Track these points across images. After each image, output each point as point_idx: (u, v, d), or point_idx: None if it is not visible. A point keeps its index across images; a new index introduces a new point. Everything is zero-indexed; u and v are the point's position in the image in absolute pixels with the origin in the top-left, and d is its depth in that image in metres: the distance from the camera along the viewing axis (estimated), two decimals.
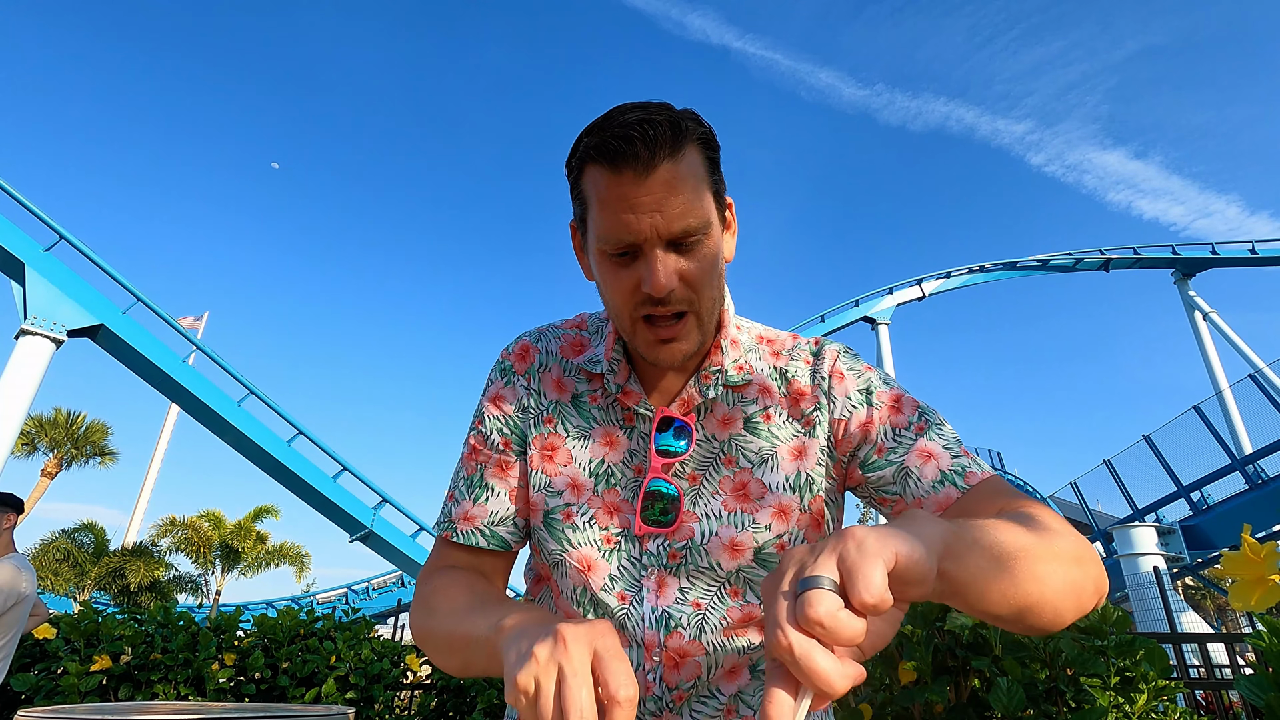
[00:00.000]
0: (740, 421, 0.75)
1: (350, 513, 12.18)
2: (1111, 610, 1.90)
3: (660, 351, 0.69)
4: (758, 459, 0.73)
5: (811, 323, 16.86)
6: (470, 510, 0.77)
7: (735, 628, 0.71)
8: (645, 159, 0.62)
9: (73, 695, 3.01)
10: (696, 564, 0.71)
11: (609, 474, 0.74)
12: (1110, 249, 19.57)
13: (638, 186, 0.63)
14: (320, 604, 20.81)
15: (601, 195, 0.65)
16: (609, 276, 0.68)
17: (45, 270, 9.66)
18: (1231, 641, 4.10)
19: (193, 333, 13.33)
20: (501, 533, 0.77)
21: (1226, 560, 0.81)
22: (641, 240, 0.65)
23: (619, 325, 0.72)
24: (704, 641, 0.70)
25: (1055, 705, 1.63)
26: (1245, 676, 1.26)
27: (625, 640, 0.70)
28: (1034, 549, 0.50)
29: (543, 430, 0.77)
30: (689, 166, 0.66)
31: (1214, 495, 13.13)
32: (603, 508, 0.73)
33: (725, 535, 0.71)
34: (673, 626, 0.69)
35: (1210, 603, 30.70)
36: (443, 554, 0.78)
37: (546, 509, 0.75)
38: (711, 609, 0.70)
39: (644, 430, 0.75)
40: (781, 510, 0.71)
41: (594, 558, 0.72)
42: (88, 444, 20.04)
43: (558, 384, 0.79)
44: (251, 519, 19.56)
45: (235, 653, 3.35)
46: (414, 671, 3.85)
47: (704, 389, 0.74)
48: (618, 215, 0.64)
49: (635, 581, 0.71)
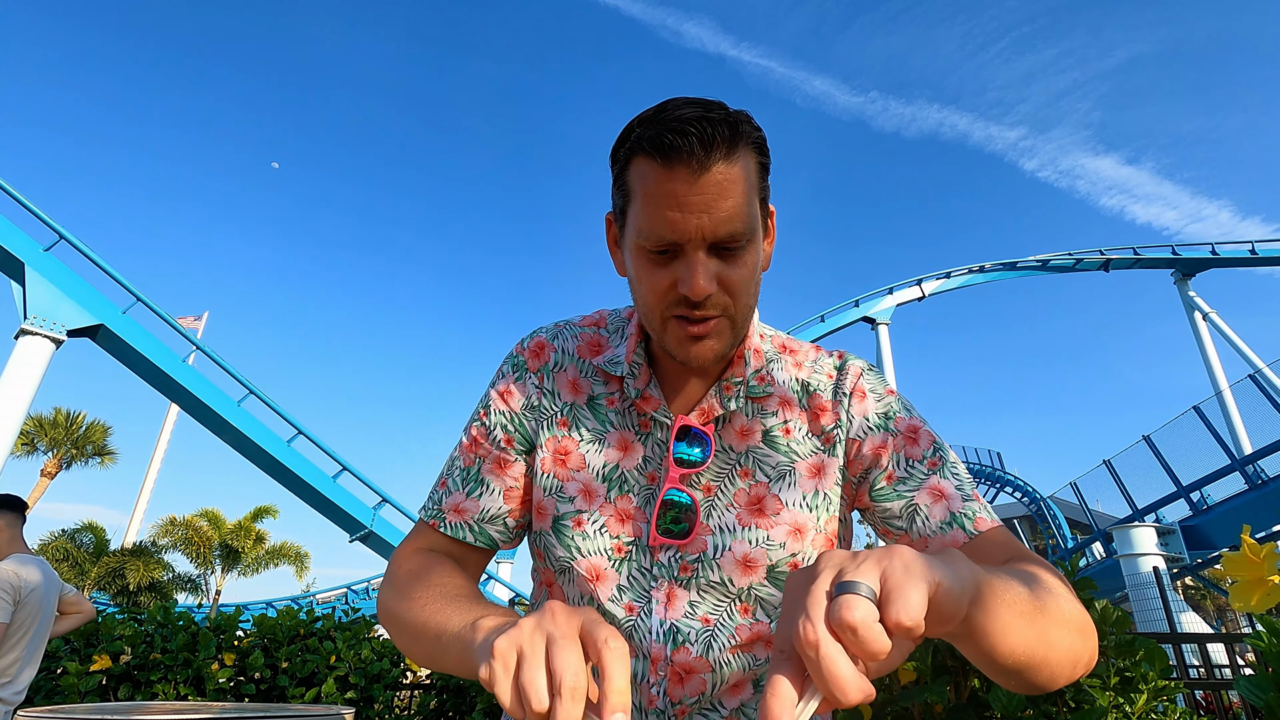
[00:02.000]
0: (759, 434, 0.73)
1: (350, 513, 12.17)
2: (1111, 610, 1.90)
3: (690, 349, 0.67)
4: (775, 474, 0.71)
5: (811, 323, 16.85)
6: (462, 503, 0.75)
7: (743, 645, 0.69)
8: (700, 157, 0.60)
9: (73, 695, 3.01)
10: (708, 578, 0.69)
11: (622, 480, 0.72)
12: (1110, 249, 19.57)
13: (689, 185, 0.61)
14: (320, 604, 20.81)
15: (649, 190, 0.63)
16: (644, 273, 0.66)
17: (45, 270, 9.66)
18: (1231, 642, 4.10)
19: (192, 332, 13.33)
20: (491, 531, 0.75)
21: (1226, 561, 0.81)
22: (685, 240, 0.62)
23: (648, 323, 0.69)
24: (711, 659, 0.68)
25: (1055, 705, 1.63)
26: (1245, 677, 1.26)
27: (632, 651, 0.68)
28: (1049, 612, 0.49)
29: (555, 433, 0.75)
30: (742, 170, 0.63)
31: (1214, 495, 13.12)
32: (614, 515, 0.71)
33: (738, 550, 0.69)
34: (680, 641, 0.68)
35: (1210, 603, 30.70)
36: (424, 536, 0.76)
37: (556, 514, 0.73)
38: (720, 626, 0.69)
39: (660, 438, 0.73)
40: (797, 529, 0.70)
41: (603, 567, 0.70)
42: (88, 444, 20.05)
43: (573, 385, 0.77)
44: (251, 519, 19.55)
45: (235, 653, 3.35)
46: (414, 671, 3.85)
47: (724, 399, 0.72)
48: (663, 212, 0.62)
49: (645, 593, 0.70)
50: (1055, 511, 26.62)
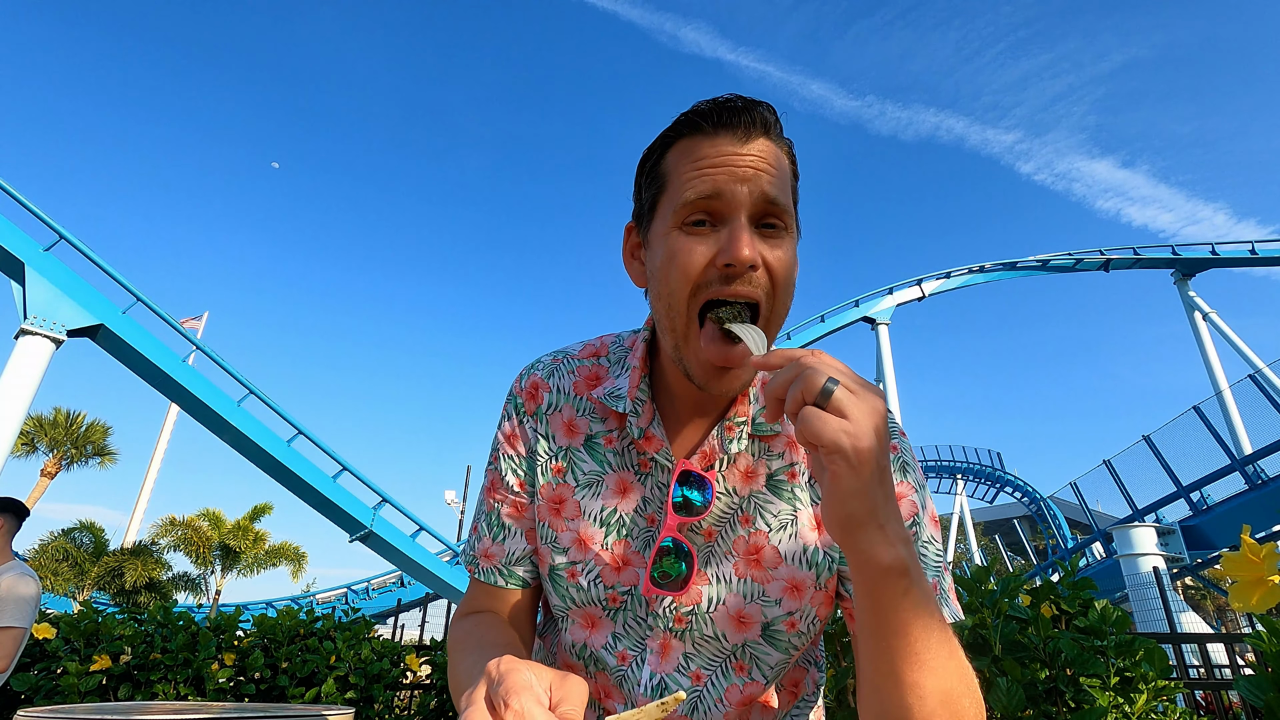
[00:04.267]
0: (764, 477, 0.69)
1: (350, 513, 12.16)
2: (1111, 610, 1.90)
3: (718, 383, 0.63)
4: (776, 523, 0.68)
5: (811, 323, 16.84)
6: (490, 548, 0.76)
7: (733, 707, 0.67)
8: (747, 125, 0.61)
9: (72, 695, 3.01)
10: (702, 632, 0.67)
11: (620, 524, 0.70)
12: (1110, 249, 19.56)
13: (735, 150, 0.60)
14: (320, 604, 20.79)
15: (694, 157, 0.61)
16: (680, 248, 0.61)
17: (45, 270, 9.64)
18: (1231, 642, 4.10)
19: (192, 332, 13.31)
20: (519, 572, 0.76)
21: (1226, 561, 0.81)
22: (729, 206, 0.60)
23: (672, 319, 0.64)
24: (696, 718, 0.67)
25: (1055, 705, 1.63)
26: (1245, 677, 1.26)
27: (622, 698, 0.69)
28: (952, 670, 0.50)
29: (550, 479, 0.73)
30: (784, 155, 0.64)
31: (1214, 495, 13.12)
32: (610, 563, 0.69)
33: (733, 605, 0.66)
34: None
35: (1210, 603, 30.69)
36: (471, 594, 0.79)
37: (552, 564, 0.72)
38: (711, 685, 0.67)
39: (661, 480, 0.70)
40: (795, 586, 0.66)
41: (598, 616, 0.70)
42: (87, 444, 20.03)
43: (568, 427, 0.74)
44: (251, 519, 19.54)
45: (235, 653, 3.35)
46: (414, 671, 3.85)
47: (726, 441, 0.68)
48: (710, 176, 0.60)
49: (639, 642, 0.69)
50: (1055, 511, 26.61)
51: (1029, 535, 38.90)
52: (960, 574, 2.03)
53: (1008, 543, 41.69)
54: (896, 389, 16.54)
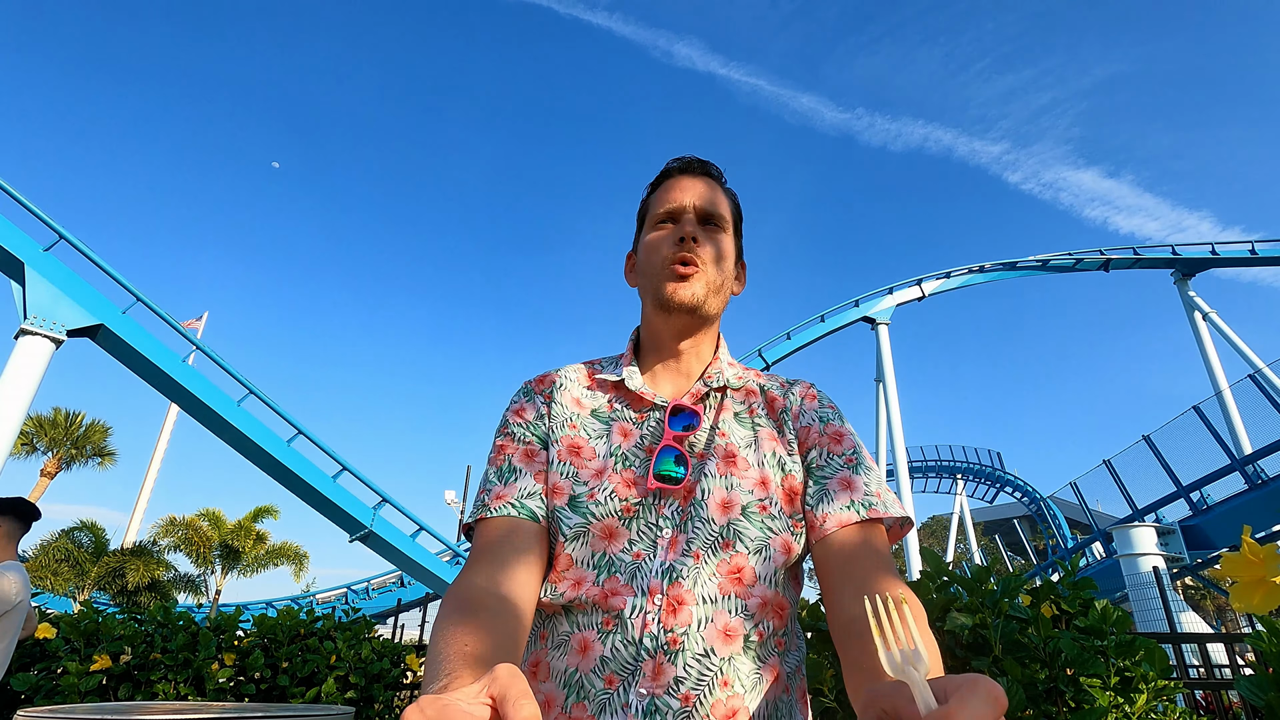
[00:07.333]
0: (731, 413, 0.93)
1: (350, 513, 12.16)
2: (1111, 610, 1.90)
3: (678, 287, 0.90)
4: (744, 441, 0.90)
5: (811, 323, 16.86)
6: (501, 490, 0.86)
7: (724, 578, 0.80)
8: (697, 168, 0.98)
9: (73, 695, 3.01)
10: (699, 516, 0.82)
11: (625, 457, 0.87)
12: (1110, 249, 19.57)
13: (688, 180, 0.97)
14: (320, 604, 20.80)
15: (662, 190, 0.97)
16: (654, 238, 0.94)
17: (45, 270, 9.64)
18: (1231, 642, 4.11)
19: (192, 332, 13.32)
20: (530, 505, 0.84)
21: (1227, 561, 0.81)
22: (682, 208, 0.94)
23: (652, 279, 0.93)
24: (697, 593, 0.78)
25: (1055, 705, 1.63)
26: (1245, 677, 1.26)
27: (633, 590, 0.78)
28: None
29: (567, 433, 0.90)
30: (726, 198, 0.98)
31: (1214, 495, 13.13)
32: (621, 483, 0.84)
33: (719, 495, 0.83)
34: (674, 578, 0.78)
35: (1210, 603, 30.70)
36: (471, 552, 0.82)
37: (572, 494, 0.85)
38: (706, 561, 0.80)
39: (657, 416, 0.91)
40: (762, 480, 0.86)
41: (615, 526, 0.83)
42: (87, 444, 20.03)
43: (577, 401, 0.94)
44: (251, 519, 19.54)
45: (235, 652, 3.35)
46: (414, 671, 3.85)
47: (708, 384, 0.93)
48: (671, 194, 0.96)
49: (652, 542, 0.82)
50: (1055, 511, 26.64)
51: (1029, 535, 38.93)
52: (960, 574, 2.03)
53: (1008, 543, 41.75)
54: (896, 389, 16.54)
